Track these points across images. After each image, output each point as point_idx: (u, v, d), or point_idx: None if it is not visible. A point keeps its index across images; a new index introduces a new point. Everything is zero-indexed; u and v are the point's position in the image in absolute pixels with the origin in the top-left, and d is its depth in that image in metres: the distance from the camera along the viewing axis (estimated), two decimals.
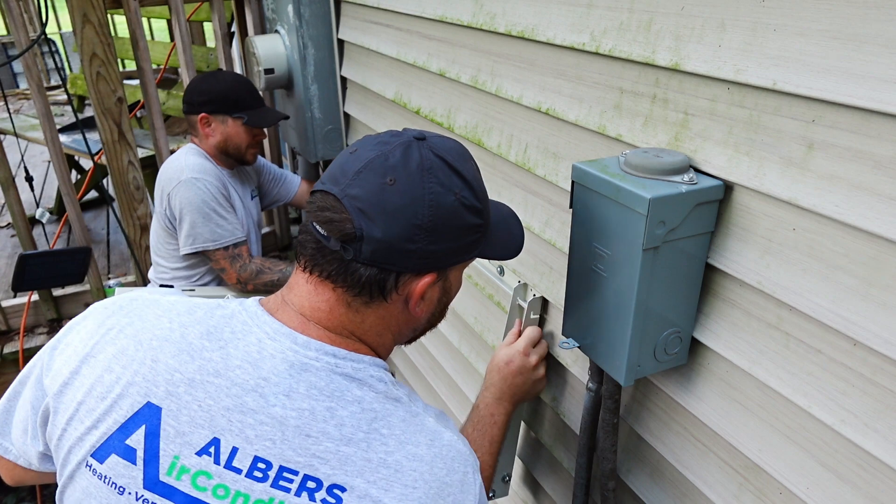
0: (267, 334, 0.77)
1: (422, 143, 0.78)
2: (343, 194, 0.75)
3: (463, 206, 0.78)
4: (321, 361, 0.76)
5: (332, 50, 2.20)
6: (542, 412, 1.43)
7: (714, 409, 0.95)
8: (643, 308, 0.89)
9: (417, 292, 0.79)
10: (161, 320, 0.79)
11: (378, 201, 0.74)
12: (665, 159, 0.87)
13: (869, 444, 0.74)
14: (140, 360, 0.76)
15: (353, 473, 0.72)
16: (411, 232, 0.75)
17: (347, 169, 0.76)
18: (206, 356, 0.75)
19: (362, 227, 0.74)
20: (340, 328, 0.79)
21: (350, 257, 0.75)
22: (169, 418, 0.73)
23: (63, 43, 7.06)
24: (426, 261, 0.78)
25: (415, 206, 0.75)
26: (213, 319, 0.79)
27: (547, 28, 1.14)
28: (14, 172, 2.63)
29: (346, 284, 0.77)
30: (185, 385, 0.74)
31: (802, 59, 0.73)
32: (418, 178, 0.75)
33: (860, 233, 0.71)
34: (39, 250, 2.59)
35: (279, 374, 0.74)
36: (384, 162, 0.75)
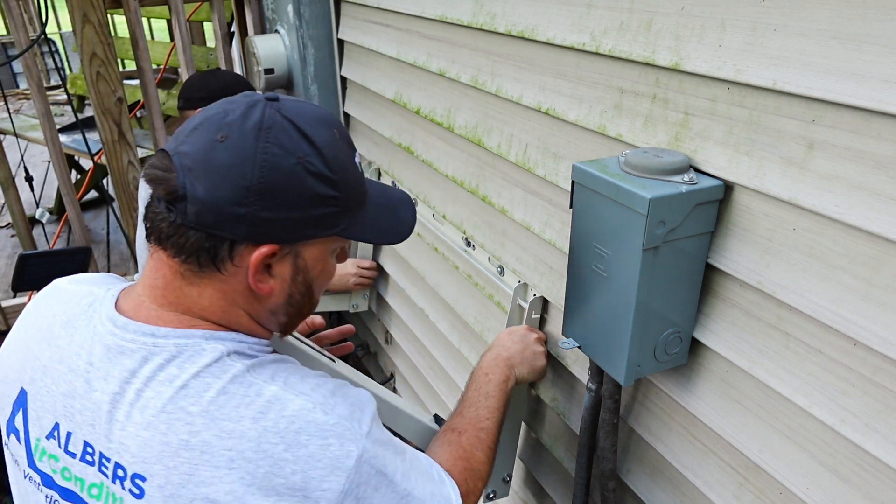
0: (101, 320, 0.75)
1: (271, 103, 0.72)
2: (175, 151, 0.70)
3: (307, 173, 0.72)
4: (137, 343, 0.72)
5: (332, 50, 2.20)
6: (542, 412, 1.43)
7: (714, 409, 0.95)
8: (643, 308, 0.89)
9: (253, 263, 0.72)
10: (48, 308, 0.81)
11: (205, 158, 0.69)
12: (665, 159, 0.87)
13: (869, 444, 0.74)
14: (23, 346, 0.79)
15: (152, 460, 0.68)
16: (239, 194, 0.69)
17: (188, 126, 0.72)
18: (58, 343, 0.76)
19: (185, 185, 0.69)
20: (177, 304, 0.75)
21: (175, 219, 0.70)
22: (32, 403, 0.76)
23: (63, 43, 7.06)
24: (260, 229, 0.71)
25: (243, 166, 0.69)
26: (79, 306, 0.78)
27: (547, 28, 1.14)
28: (14, 172, 2.63)
29: (174, 250, 0.72)
30: (41, 372, 0.76)
31: (802, 59, 0.73)
32: (252, 136, 0.70)
33: (860, 233, 0.71)
34: (39, 250, 2.59)
35: (100, 358, 0.73)
36: (222, 119, 0.71)
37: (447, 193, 1.68)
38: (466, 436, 1.03)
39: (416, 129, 1.77)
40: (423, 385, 2.11)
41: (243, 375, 0.71)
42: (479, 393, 1.12)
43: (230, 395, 0.69)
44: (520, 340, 1.24)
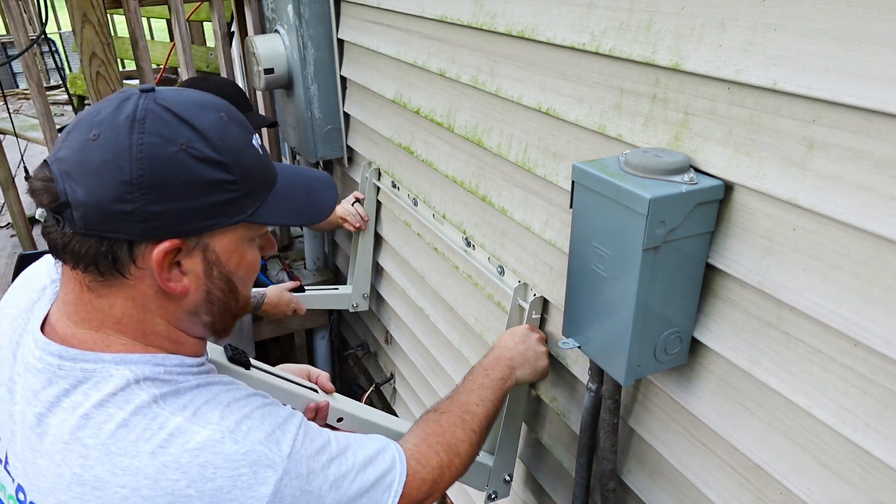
0: (31, 329, 0.73)
1: (146, 95, 0.68)
2: (53, 159, 0.67)
3: (193, 159, 0.67)
4: (43, 363, 0.69)
5: (332, 50, 2.20)
6: (542, 412, 1.43)
7: (714, 409, 0.95)
8: (643, 308, 0.89)
9: (156, 261, 0.68)
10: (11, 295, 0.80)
11: (80, 160, 0.65)
12: (665, 159, 0.87)
13: (869, 444, 0.74)
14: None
15: (45, 491, 0.65)
16: (120, 190, 0.65)
17: (64, 131, 0.69)
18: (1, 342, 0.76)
19: (66, 191, 0.65)
20: (89, 320, 0.70)
21: (64, 227, 0.66)
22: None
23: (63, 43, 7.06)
24: (154, 223, 0.67)
25: (119, 160, 0.65)
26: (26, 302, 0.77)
27: (547, 28, 1.14)
28: (14, 172, 2.63)
29: (73, 261, 0.68)
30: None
31: (803, 59, 0.73)
32: (126, 129, 0.66)
33: (860, 233, 0.71)
34: (39, 250, 2.59)
35: (17, 372, 0.71)
36: (93, 117, 0.67)
37: (447, 193, 1.68)
38: (448, 416, 1.01)
39: (416, 129, 1.77)
40: (423, 385, 2.11)
41: (149, 406, 0.66)
42: (475, 384, 1.11)
43: (130, 429, 0.65)
44: (521, 341, 1.23)
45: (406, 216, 1.95)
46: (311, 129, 2.30)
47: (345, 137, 2.34)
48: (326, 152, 2.36)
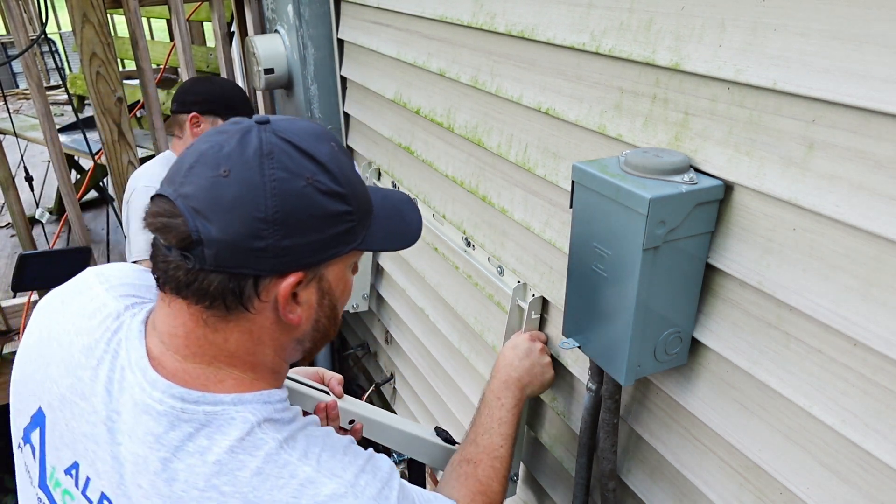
0: (129, 364, 0.70)
1: (263, 126, 0.68)
2: (176, 195, 0.66)
3: (319, 192, 0.68)
4: (164, 405, 0.67)
5: (332, 50, 2.20)
6: (542, 412, 1.43)
7: (714, 409, 0.95)
8: (643, 308, 0.89)
9: (283, 296, 0.69)
10: (73, 318, 0.75)
11: (211, 197, 0.65)
12: (665, 159, 0.87)
13: (869, 444, 0.74)
14: (44, 359, 0.74)
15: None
16: (255, 227, 0.65)
17: (182, 165, 0.68)
18: (79, 374, 0.71)
19: (198, 229, 0.64)
20: (201, 355, 0.70)
21: (193, 265, 0.66)
22: (49, 429, 0.72)
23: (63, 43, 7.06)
24: (284, 259, 0.68)
25: (254, 197, 0.65)
26: (99, 330, 0.73)
27: (547, 28, 1.14)
28: (14, 172, 2.63)
29: (196, 297, 0.68)
30: (59, 401, 0.72)
31: (803, 59, 0.73)
32: (256, 164, 0.65)
33: (860, 233, 0.71)
34: (39, 250, 2.59)
35: (127, 411, 0.68)
36: (218, 152, 0.66)
37: (447, 193, 1.68)
38: (482, 467, 1.03)
39: (416, 129, 1.77)
40: (423, 385, 2.11)
41: (277, 453, 0.68)
42: (493, 419, 1.11)
43: (264, 477, 0.66)
44: (526, 356, 1.22)
45: None
46: None
47: (345, 137, 2.34)
48: None
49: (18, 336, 2.70)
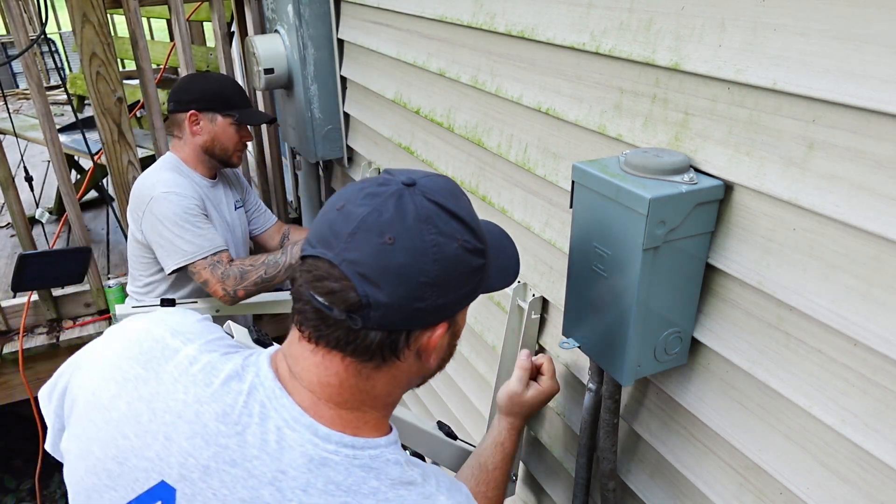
0: (286, 422, 0.73)
1: (413, 189, 0.72)
2: (340, 259, 0.69)
3: (466, 252, 0.73)
4: (340, 455, 0.72)
5: (332, 50, 2.20)
6: (542, 412, 1.43)
7: (714, 409, 0.95)
8: (643, 308, 0.89)
9: (433, 345, 0.75)
10: (177, 386, 0.75)
11: (379, 264, 0.69)
12: (665, 159, 0.87)
13: (869, 444, 0.74)
14: (153, 434, 0.73)
15: None
16: (419, 290, 0.70)
17: (339, 230, 0.71)
18: (222, 442, 0.72)
19: (367, 294, 0.69)
20: (351, 401, 0.75)
21: (358, 326, 0.70)
22: (183, 500, 0.72)
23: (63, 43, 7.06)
24: (437, 314, 0.74)
25: (420, 264, 0.70)
26: (229, 396, 0.74)
27: (547, 28, 1.14)
28: (14, 172, 2.63)
29: (355, 353, 0.72)
30: (200, 472, 0.72)
31: (803, 59, 0.73)
32: (417, 231, 0.70)
33: (860, 233, 0.71)
34: (39, 250, 2.59)
35: (297, 467, 0.71)
36: (378, 218, 0.70)
37: None
38: None
39: (416, 129, 1.77)
40: (424, 385, 2.11)
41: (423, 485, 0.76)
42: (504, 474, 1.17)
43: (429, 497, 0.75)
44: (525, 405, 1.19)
45: None
46: (311, 129, 2.31)
47: (345, 137, 2.34)
48: (326, 152, 2.36)
49: (19, 336, 2.71)
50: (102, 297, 2.80)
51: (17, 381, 2.71)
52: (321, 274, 0.70)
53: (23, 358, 2.64)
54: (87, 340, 2.80)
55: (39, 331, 2.77)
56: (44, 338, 2.72)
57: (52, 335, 2.73)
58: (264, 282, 1.91)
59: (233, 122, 1.98)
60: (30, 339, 2.72)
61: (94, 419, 0.76)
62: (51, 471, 3.32)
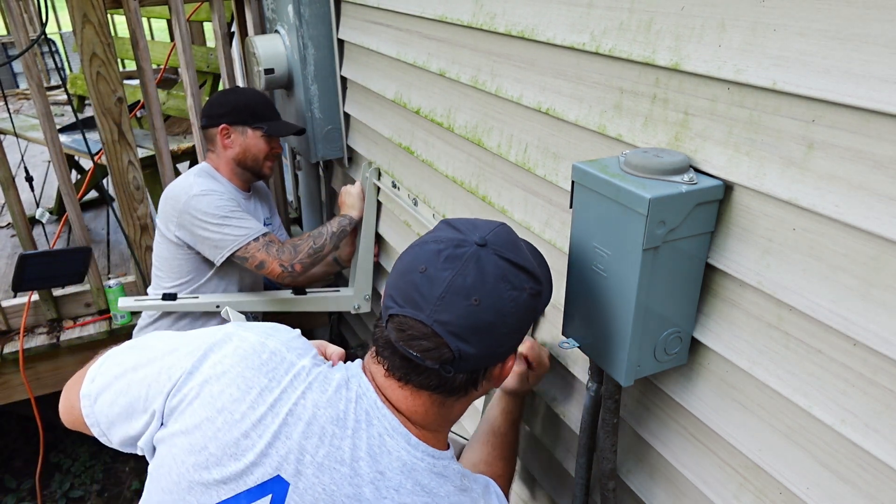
0: (387, 430, 0.85)
1: (486, 250, 0.83)
2: (432, 321, 0.80)
3: (531, 297, 0.86)
4: (425, 462, 0.85)
5: (332, 50, 2.20)
6: (543, 412, 1.43)
7: (714, 409, 0.95)
8: (643, 308, 0.89)
9: (506, 375, 0.91)
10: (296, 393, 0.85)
11: (469, 324, 0.80)
12: (665, 159, 0.87)
13: (869, 444, 0.74)
14: (274, 434, 0.82)
15: None
16: (501, 339, 0.84)
17: (426, 293, 0.81)
18: (336, 444, 0.83)
19: (459, 349, 0.81)
20: (433, 424, 0.89)
21: (450, 374, 0.83)
22: (295, 495, 0.81)
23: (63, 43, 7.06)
24: (510, 351, 0.89)
25: (502, 318, 0.82)
26: (341, 402, 0.85)
27: (547, 28, 1.14)
28: (14, 172, 2.63)
29: (442, 392, 0.85)
30: (314, 468, 0.82)
31: (802, 59, 0.73)
32: (497, 291, 0.82)
33: (860, 233, 0.71)
34: (39, 250, 2.59)
35: (393, 469, 0.83)
36: (464, 282, 0.81)
37: (447, 193, 1.68)
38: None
39: (416, 129, 1.77)
40: None
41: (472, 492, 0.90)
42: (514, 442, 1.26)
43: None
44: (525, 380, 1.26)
45: (406, 216, 1.95)
46: (311, 130, 2.31)
47: (345, 137, 2.34)
48: (327, 152, 2.36)
49: (19, 336, 2.71)
50: (103, 297, 2.80)
51: (18, 381, 2.71)
52: (414, 333, 0.82)
53: (23, 358, 2.64)
54: (88, 340, 2.82)
55: (40, 331, 2.76)
56: (44, 338, 2.72)
57: (53, 335, 2.72)
58: (315, 252, 1.99)
59: (263, 133, 2.03)
60: (30, 339, 2.72)
61: (213, 419, 0.83)
62: (51, 471, 3.32)
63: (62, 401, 1.00)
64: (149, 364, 0.91)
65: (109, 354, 0.97)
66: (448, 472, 0.87)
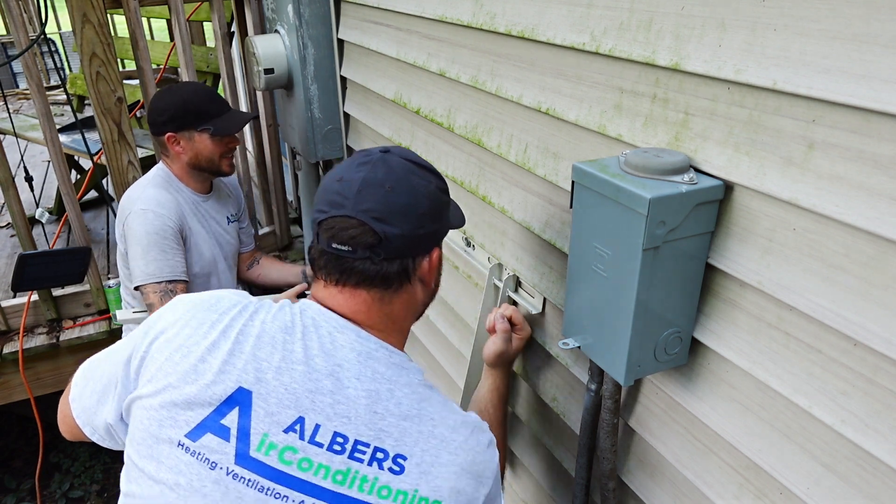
0: (335, 328, 0.91)
1: (390, 154, 0.95)
2: (355, 212, 0.89)
3: (440, 190, 0.98)
4: (380, 352, 0.91)
5: (332, 50, 2.20)
6: (542, 412, 1.43)
7: (714, 409, 0.95)
8: (643, 308, 0.89)
9: (433, 265, 0.98)
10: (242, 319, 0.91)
11: (388, 207, 0.89)
12: (665, 159, 0.87)
13: (869, 443, 0.74)
14: (229, 352, 0.87)
15: (411, 444, 0.87)
16: (419, 221, 0.92)
17: (346, 193, 0.90)
18: (289, 347, 0.88)
19: (384, 231, 0.89)
20: (379, 324, 0.94)
21: (380, 257, 0.90)
22: (259, 401, 0.85)
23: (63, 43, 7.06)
24: (432, 240, 0.97)
25: (416, 200, 0.92)
26: (286, 315, 0.91)
27: (547, 28, 1.14)
28: (14, 172, 2.63)
29: (379, 283, 0.92)
30: (273, 372, 0.86)
31: (803, 59, 0.73)
32: (407, 179, 0.92)
33: (860, 233, 0.71)
34: (39, 250, 2.59)
35: (349, 360, 0.88)
36: (376, 176, 0.91)
37: None
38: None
39: (417, 129, 1.77)
40: None
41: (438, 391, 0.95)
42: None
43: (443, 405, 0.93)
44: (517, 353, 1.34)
45: None
46: (311, 129, 2.31)
47: (345, 137, 2.34)
48: (326, 152, 2.36)
49: (19, 336, 2.71)
50: (102, 297, 2.80)
51: (17, 381, 2.71)
52: (342, 227, 0.90)
53: (23, 358, 2.64)
54: (87, 340, 2.81)
55: (39, 331, 2.77)
56: (44, 338, 2.72)
57: (52, 335, 2.72)
58: None
59: (209, 135, 1.93)
60: (30, 339, 2.72)
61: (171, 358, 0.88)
62: (51, 471, 3.32)
63: (59, 416, 1.04)
64: (117, 350, 0.97)
65: (88, 359, 1.03)
66: (409, 366, 0.93)
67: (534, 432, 1.46)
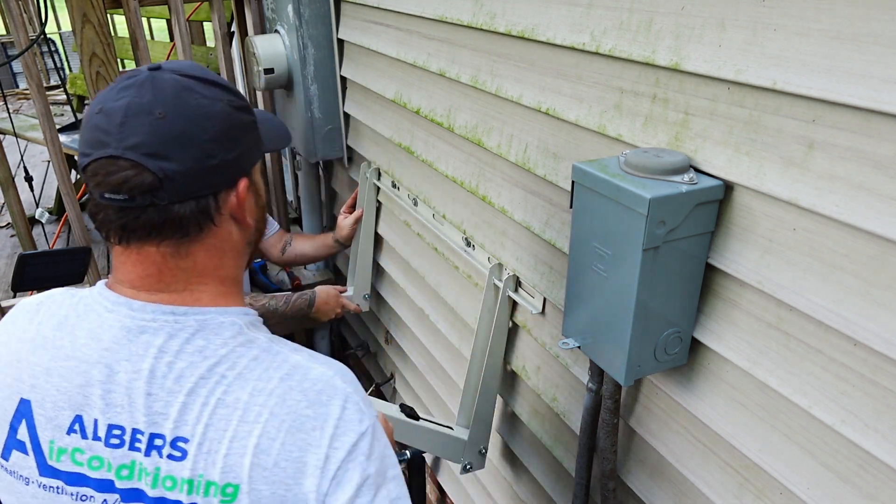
0: (105, 308, 0.77)
1: (161, 71, 0.76)
2: (120, 150, 0.71)
3: (234, 109, 0.79)
4: (158, 321, 0.76)
5: (332, 50, 2.20)
6: (543, 412, 1.43)
7: (714, 409, 0.95)
8: (643, 308, 0.89)
9: (241, 200, 0.80)
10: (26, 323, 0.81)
11: (161, 139, 0.72)
12: (665, 159, 0.87)
13: (869, 444, 0.74)
14: (7, 363, 0.79)
15: (192, 422, 0.73)
16: (207, 149, 0.74)
17: (107, 127, 0.73)
18: (58, 344, 0.77)
19: (162, 168, 0.71)
20: (175, 284, 0.78)
21: (164, 202, 0.73)
22: (37, 408, 0.77)
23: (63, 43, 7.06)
24: (232, 169, 0.78)
25: (197, 125, 0.74)
26: (63, 309, 0.80)
27: (547, 28, 1.14)
28: (14, 172, 2.63)
29: (170, 232, 0.75)
30: (44, 375, 0.76)
31: (803, 59, 0.73)
32: (182, 100, 0.74)
33: (860, 233, 0.71)
34: (39, 250, 2.59)
35: (118, 341, 0.75)
36: (141, 101, 0.73)
37: (447, 193, 1.68)
38: None
39: (416, 129, 1.77)
40: (423, 385, 2.11)
41: (269, 347, 0.77)
42: None
43: (260, 361, 0.75)
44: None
45: (406, 216, 1.95)
46: (311, 129, 2.30)
47: (345, 137, 2.34)
48: (326, 152, 2.36)
49: None
50: None
51: None
52: (109, 171, 0.72)
53: None
54: None
55: None
56: None
57: None
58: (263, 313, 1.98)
59: None
60: None
61: None
62: None
63: None
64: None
65: None
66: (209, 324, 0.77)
67: (534, 432, 1.46)
